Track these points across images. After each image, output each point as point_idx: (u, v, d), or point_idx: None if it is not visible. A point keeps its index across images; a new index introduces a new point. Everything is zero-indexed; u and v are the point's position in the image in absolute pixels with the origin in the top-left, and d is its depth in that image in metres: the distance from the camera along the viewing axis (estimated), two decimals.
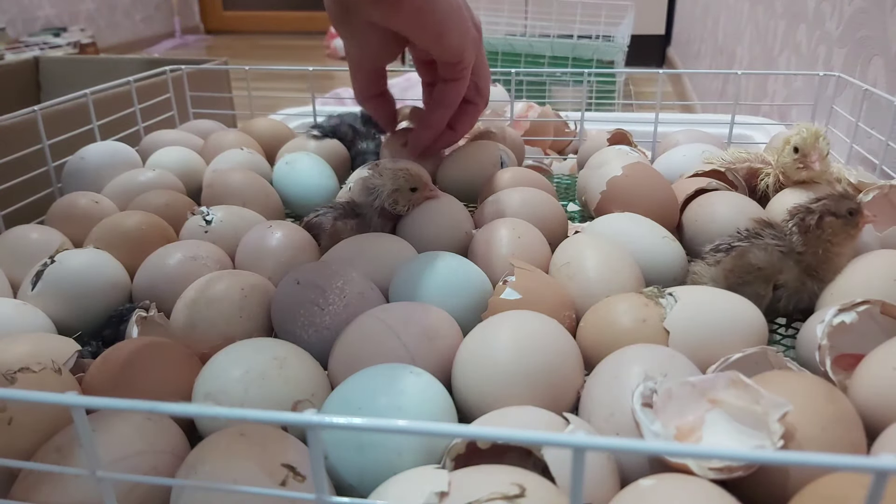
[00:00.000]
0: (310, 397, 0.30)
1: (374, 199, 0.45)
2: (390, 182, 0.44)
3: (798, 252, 0.36)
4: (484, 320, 0.33)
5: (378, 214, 0.45)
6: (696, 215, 0.45)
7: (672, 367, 0.28)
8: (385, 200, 0.44)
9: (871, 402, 0.27)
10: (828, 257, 0.36)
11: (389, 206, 0.45)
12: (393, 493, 0.23)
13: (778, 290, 0.37)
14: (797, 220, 0.36)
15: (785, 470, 0.24)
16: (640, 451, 0.14)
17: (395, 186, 0.44)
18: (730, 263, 0.37)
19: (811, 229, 0.36)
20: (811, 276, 0.36)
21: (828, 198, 0.36)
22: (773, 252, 0.36)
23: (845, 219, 0.35)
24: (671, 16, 2.55)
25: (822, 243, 0.36)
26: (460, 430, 0.17)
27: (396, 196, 0.44)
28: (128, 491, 0.24)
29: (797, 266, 0.36)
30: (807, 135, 0.43)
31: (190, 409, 0.18)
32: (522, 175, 0.51)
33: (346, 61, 0.49)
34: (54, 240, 0.45)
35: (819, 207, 0.36)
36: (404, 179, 0.44)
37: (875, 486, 0.14)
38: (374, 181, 0.45)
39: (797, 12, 0.91)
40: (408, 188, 0.44)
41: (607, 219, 0.44)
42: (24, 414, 0.28)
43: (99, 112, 0.61)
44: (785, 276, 0.36)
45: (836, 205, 0.36)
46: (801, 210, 0.36)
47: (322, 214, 0.46)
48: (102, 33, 3.12)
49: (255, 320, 0.37)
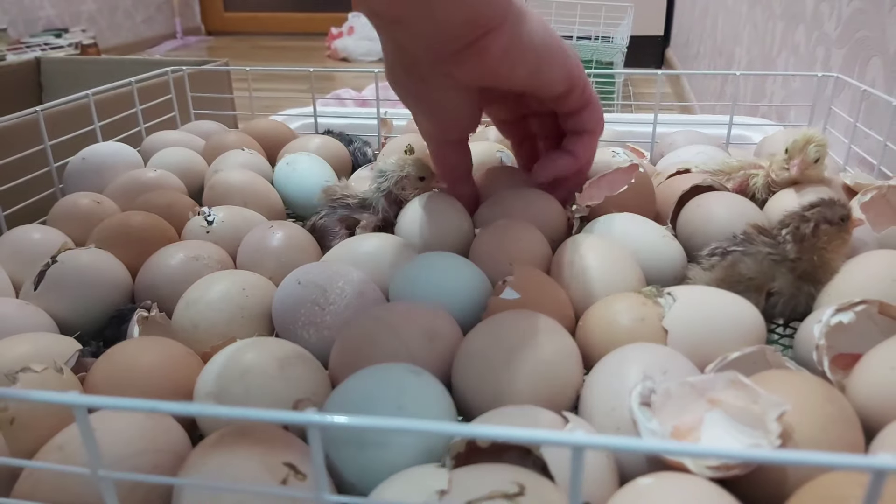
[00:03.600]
0: (311, 396, 0.30)
1: (383, 181, 0.45)
2: (399, 167, 0.45)
3: (792, 259, 0.36)
4: (484, 320, 0.33)
5: (384, 198, 0.46)
6: (692, 215, 0.45)
7: (671, 366, 0.28)
8: (393, 185, 0.45)
9: (869, 402, 0.27)
10: (823, 262, 0.36)
11: (397, 191, 0.45)
12: (393, 491, 0.23)
13: (773, 297, 0.37)
14: (792, 230, 0.36)
15: (783, 469, 0.24)
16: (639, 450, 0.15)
17: (403, 173, 0.45)
18: (720, 273, 0.37)
19: (806, 238, 0.35)
20: (806, 281, 0.36)
21: (821, 205, 0.36)
22: (765, 260, 0.36)
23: (839, 225, 0.35)
24: (670, 17, 2.55)
25: (817, 251, 0.35)
26: (460, 429, 0.17)
27: (405, 182, 0.45)
28: (129, 490, 0.24)
29: (791, 273, 0.36)
30: (799, 138, 0.44)
31: (191, 409, 0.18)
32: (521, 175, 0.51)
33: (345, 62, 0.49)
34: (56, 240, 0.45)
35: (814, 215, 0.35)
36: (413, 167, 0.46)
37: (873, 486, 0.14)
38: (383, 165, 0.46)
39: (795, 13, 0.91)
40: (416, 176, 0.46)
41: (607, 218, 0.44)
42: (25, 413, 0.28)
43: (100, 113, 0.61)
44: (779, 283, 0.36)
45: (830, 212, 0.35)
46: (794, 218, 0.36)
47: (326, 216, 0.46)
48: (104, 34, 3.12)
49: (256, 320, 0.37)
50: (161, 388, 0.31)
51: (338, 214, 0.46)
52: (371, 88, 1.57)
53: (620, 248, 0.39)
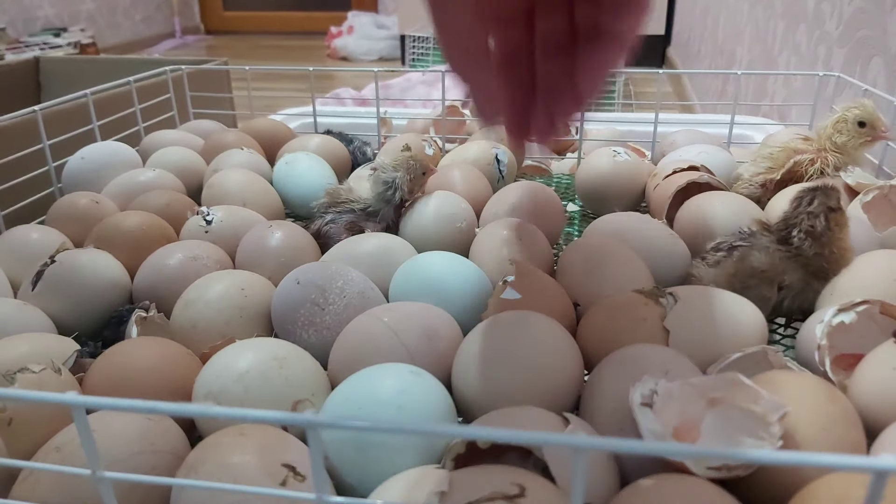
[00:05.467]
0: (310, 397, 0.30)
1: (394, 192, 0.45)
2: (405, 171, 0.45)
3: (807, 256, 0.36)
4: (484, 320, 0.33)
5: (394, 209, 0.46)
6: (692, 215, 0.44)
7: (672, 366, 0.28)
8: (404, 191, 0.45)
9: (871, 402, 0.27)
10: (841, 252, 0.35)
11: (407, 196, 0.46)
12: (393, 492, 0.23)
13: (782, 291, 0.36)
14: (806, 228, 0.35)
15: (785, 470, 0.24)
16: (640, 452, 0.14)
17: (411, 175, 0.45)
18: (732, 267, 0.36)
19: (823, 233, 0.35)
20: (818, 278, 0.36)
21: (816, 195, 0.35)
22: (775, 253, 0.36)
23: (839, 210, 0.35)
24: (671, 16, 2.55)
25: (834, 243, 0.35)
26: (460, 430, 0.17)
27: (412, 185, 0.45)
28: (128, 491, 0.24)
29: (804, 269, 0.36)
30: (864, 109, 0.44)
31: (190, 409, 0.18)
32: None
33: (345, 61, 0.48)
34: (55, 240, 0.44)
35: (818, 208, 0.35)
36: (417, 166, 0.46)
37: (874, 486, 0.14)
38: (388, 175, 0.45)
39: (797, 12, 0.91)
40: (420, 173, 0.45)
41: (610, 217, 0.44)
42: (24, 414, 0.28)
43: (99, 112, 0.61)
44: (789, 277, 0.36)
45: (828, 199, 0.35)
46: (801, 216, 0.36)
47: (331, 222, 0.46)
48: (103, 33, 3.12)
49: (255, 320, 0.37)
50: (159, 389, 0.30)
51: (344, 221, 0.46)
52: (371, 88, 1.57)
53: (627, 248, 0.39)
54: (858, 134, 0.45)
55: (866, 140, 0.45)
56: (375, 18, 3.25)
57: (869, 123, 0.45)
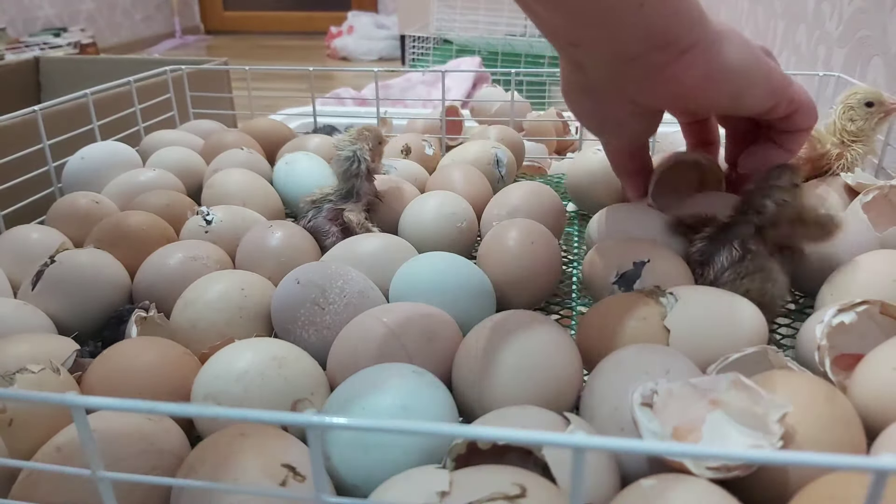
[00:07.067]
0: (309, 397, 0.30)
1: (358, 164, 0.46)
2: (362, 141, 0.46)
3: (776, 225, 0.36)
4: (483, 320, 0.33)
5: (365, 178, 0.46)
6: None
7: (672, 366, 0.28)
8: (368, 160, 0.46)
9: (871, 402, 0.27)
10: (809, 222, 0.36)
11: (372, 168, 0.46)
12: (394, 492, 0.23)
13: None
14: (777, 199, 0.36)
15: (785, 470, 0.24)
16: (640, 452, 0.14)
17: (368, 144, 0.46)
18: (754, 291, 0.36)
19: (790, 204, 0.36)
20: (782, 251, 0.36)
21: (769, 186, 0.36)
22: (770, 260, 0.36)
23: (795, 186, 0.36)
24: None
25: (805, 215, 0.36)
26: (461, 430, 0.17)
27: (373, 154, 0.46)
28: (128, 491, 0.24)
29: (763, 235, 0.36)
30: (864, 91, 0.45)
31: (190, 409, 0.18)
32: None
33: (345, 61, 0.49)
34: (54, 240, 0.44)
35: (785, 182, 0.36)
36: (371, 135, 0.46)
37: (875, 486, 0.14)
38: (347, 150, 0.46)
39: (797, 12, 0.91)
40: (377, 142, 0.47)
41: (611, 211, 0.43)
42: (23, 414, 0.28)
43: (99, 112, 0.61)
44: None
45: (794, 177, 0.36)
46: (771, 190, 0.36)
47: (314, 217, 0.46)
48: (102, 33, 3.12)
49: (254, 320, 0.37)
50: (159, 389, 0.30)
51: (324, 212, 0.46)
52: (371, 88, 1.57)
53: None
54: (870, 115, 0.45)
55: (880, 117, 0.46)
56: (375, 18, 3.25)
57: (876, 101, 0.45)
